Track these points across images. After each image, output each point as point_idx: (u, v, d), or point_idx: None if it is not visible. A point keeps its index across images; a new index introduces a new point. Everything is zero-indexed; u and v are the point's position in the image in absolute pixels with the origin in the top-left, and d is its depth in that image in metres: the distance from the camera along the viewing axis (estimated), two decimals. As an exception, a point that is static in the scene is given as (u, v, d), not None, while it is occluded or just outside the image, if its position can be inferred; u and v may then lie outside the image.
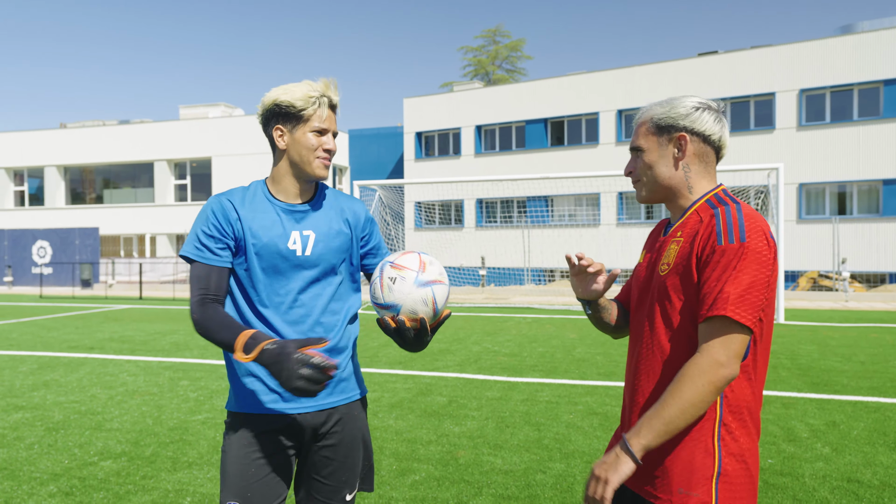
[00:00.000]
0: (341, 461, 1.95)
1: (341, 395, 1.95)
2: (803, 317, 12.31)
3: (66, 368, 7.56)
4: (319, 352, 1.75)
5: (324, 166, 1.90)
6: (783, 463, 4.13)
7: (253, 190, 1.94)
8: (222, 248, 1.86)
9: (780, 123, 20.73)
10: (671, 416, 1.42)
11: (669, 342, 1.55)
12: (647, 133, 1.64)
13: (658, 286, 1.59)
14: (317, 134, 1.88)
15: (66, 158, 29.76)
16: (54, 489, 3.78)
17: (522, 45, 43.27)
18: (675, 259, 1.56)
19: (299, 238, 1.89)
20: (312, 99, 1.85)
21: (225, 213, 1.86)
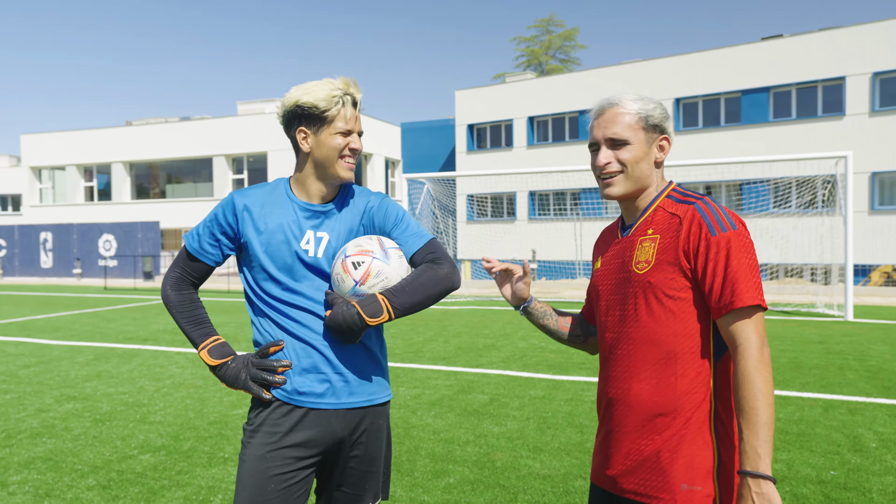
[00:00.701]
0: (365, 470, 1.88)
1: (366, 395, 1.86)
2: (875, 314, 11.59)
3: (119, 359, 7.78)
4: (275, 358, 1.81)
5: (349, 168, 1.85)
6: (847, 476, 3.82)
7: (275, 187, 1.91)
8: (214, 247, 1.89)
9: (850, 109, 19.60)
10: (768, 416, 1.42)
11: (663, 336, 1.55)
12: (636, 127, 1.62)
13: (639, 284, 1.59)
14: (342, 135, 1.82)
15: (132, 155, 30.89)
16: (93, 482, 3.83)
17: (576, 34, 42.42)
18: (654, 255, 1.57)
19: (313, 239, 1.85)
20: (336, 98, 1.79)
21: (234, 213, 1.85)
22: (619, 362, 1.63)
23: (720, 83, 21.61)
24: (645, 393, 1.56)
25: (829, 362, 7.16)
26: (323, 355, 1.80)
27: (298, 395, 1.80)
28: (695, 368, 1.53)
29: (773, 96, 21.15)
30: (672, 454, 1.51)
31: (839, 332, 9.38)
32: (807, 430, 4.68)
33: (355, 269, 1.76)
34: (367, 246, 1.79)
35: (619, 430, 1.60)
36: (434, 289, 1.77)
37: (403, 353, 7.96)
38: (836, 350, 7.92)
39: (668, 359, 1.54)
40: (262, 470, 1.75)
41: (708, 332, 1.55)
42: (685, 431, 1.51)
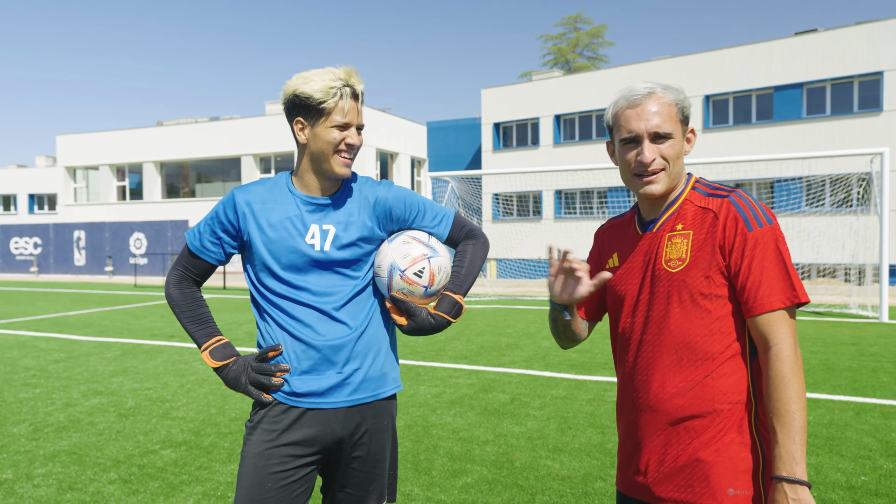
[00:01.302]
0: (369, 471, 1.85)
1: (368, 392, 1.83)
2: (911, 316, 11.24)
3: (146, 356, 7.90)
4: (274, 363, 1.79)
5: (344, 164, 1.79)
6: (879, 481, 3.69)
7: (277, 182, 1.86)
8: (216, 245, 1.86)
9: (888, 105, 19.04)
10: (803, 420, 1.37)
11: (697, 336, 1.48)
12: (676, 119, 1.52)
13: (672, 283, 1.51)
14: (339, 129, 1.75)
15: (162, 155, 31.43)
16: (114, 476, 3.88)
17: (604, 31, 41.97)
18: (689, 252, 1.49)
19: (318, 232, 1.80)
20: (333, 90, 1.72)
21: (235, 211, 1.81)
22: (649, 366, 1.53)
23: (752, 79, 21.18)
24: (679, 396, 1.48)
25: (862, 364, 6.95)
26: (325, 356, 1.77)
27: (298, 396, 1.77)
28: (732, 368, 1.46)
29: (806, 92, 20.66)
30: (714, 458, 1.44)
31: (873, 334, 9.10)
32: (837, 434, 4.54)
33: (420, 278, 1.81)
34: (415, 252, 1.82)
35: (652, 437, 1.52)
36: (481, 262, 1.95)
37: (426, 352, 7.94)
38: (870, 352, 7.69)
39: (704, 360, 1.47)
40: (260, 467, 1.73)
41: (743, 330, 1.48)
42: (726, 433, 1.45)
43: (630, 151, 1.54)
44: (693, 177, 1.59)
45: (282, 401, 1.77)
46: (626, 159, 1.56)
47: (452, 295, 1.87)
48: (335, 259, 1.79)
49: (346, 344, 1.78)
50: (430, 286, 1.83)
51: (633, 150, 1.54)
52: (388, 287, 1.82)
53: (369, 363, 1.83)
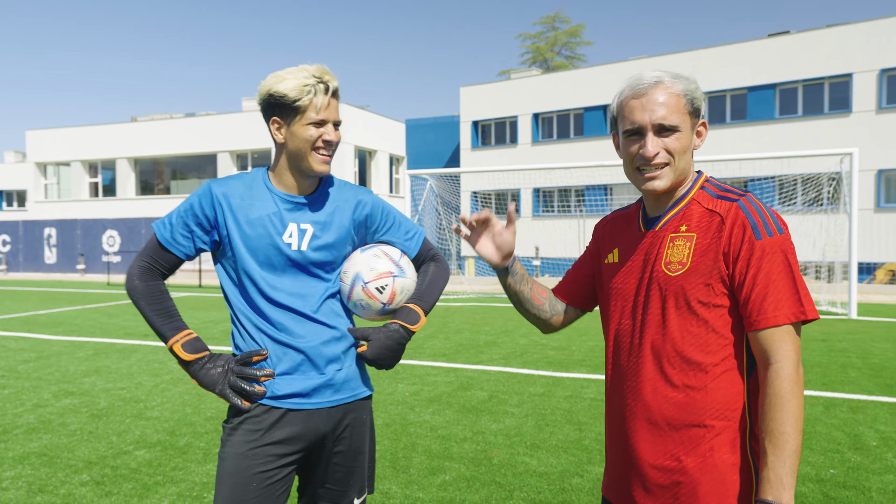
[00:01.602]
0: (350, 465, 1.85)
1: (349, 392, 1.83)
2: (879, 312, 11.51)
3: (119, 355, 7.78)
4: (258, 367, 1.75)
5: (323, 161, 1.77)
6: (847, 474, 3.77)
7: (254, 178, 1.83)
8: (188, 238, 1.79)
9: (857, 106, 19.45)
10: (797, 444, 1.29)
11: (692, 346, 1.40)
12: (684, 111, 1.41)
13: (669, 288, 1.42)
14: (315, 126, 1.74)
15: (136, 151, 30.93)
16: (87, 478, 3.82)
17: (582, 30, 42.22)
18: (690, 256, 1.40)
19: (296, 231, 1.78)
20: (307, 87, 1.71)
21: (212, 205, 1.76)
22: (640, 372, 1.46)
23: (727, 80, 21.48)
24: (669, 407, 1.41)
25: (832, 360, 7.10)
26: (306, 356, 1.76)
27: (279, 398, 1.75)
28: (727, 383, 1.38)
29: (779, 93, 21.01)
30: (703, 477, 1.37)
31: (842, 330, 9.31)
32: (807, 429, 4.63)
33: (381, 293, 1.82)
34: (382, 267, 1.83)
35: (640, 446, 1.45)
36: (444, 283, 1.97)
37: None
38: (839, 348, 7.86)
39: (696, 371, 1.39)
40: (242, 468, 1.71)
41: (742, 344, 1.40)
42: (717, 452, 1.37)
43: (633, 144, 1.45)
44: (703, 175, 1.51)
45: (263, 402, 1.75)
46: (629, 152, 1.46)
47: (411, 305, 1.87)
48: (311, 259, 1.78)
49: (327, 345, 1.78)
50: (389, 304, 1.84)
51: (637, 143, 1.44)
52: (348, 296, 1.82)
53: (349, 364, 1.83)
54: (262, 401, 1.75)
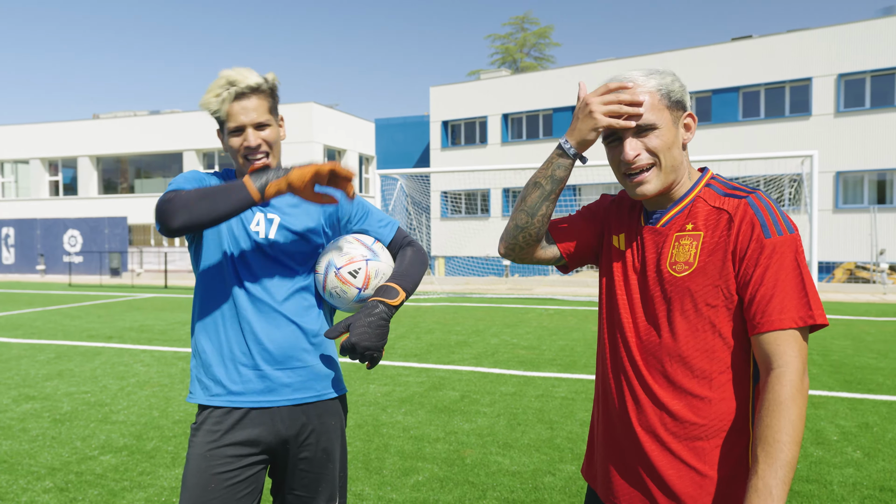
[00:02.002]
0: (318, 472, 1.81)
1: (312, 392, 1.79)
2: (838, 310, 11.85)
3: (82, 358, 7.59)
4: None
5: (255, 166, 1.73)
6: (810, 468, 3.88)
7: (226, 174, 1.87)
8: None
9: (816, 110, 20.01)
10: (793, 455, 1.19)
11: (696, 351, 1.33)
12: (660, 106, 1.33)
13: (674, 289, 1.35)
14: (235, 134, 1.72)
15: (99, 149, 30.22)
16: (50, 484, 3.72)
17: (551, 31, 42.60)
18: (697, 256, 1.33)
19: (263, 220, 1.77)
20: (220, 98, 1.68)
21: (199, 181, 1.76)
22: (639, 374, 1.39)
23: (692, 82, 21.88)
24: (667, 414, 1.35)
25: (794, 357, 7.28)
26: (267, 350, 1.74)
27: (239, 395, 1.74)
28: (730, 392, 1.32)
29: (742, 96, 21.49)
30: (697, 492, 1.32)
31: (804, 328, 9.55)
32: (772, 425, 4.74)
33: (354, 278, 1.77)
34: (354, 251, 1.79)
35: (631, 448, 1.40)
36: (422, 267, 1.92)
37: (375, 350, 7.89)
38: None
39: (699, 378, 1.32)
40: (203, 469, 1.69)
41: (748, 350, 1.33)
42: (721, 461, 1.31)
43: (615, 150, 1.39)
44: (710, 172, 1.43)
45: (222, 404, 1.73)
46: (613, 159, 1.40)
47: (388, 283, 1.79)
48: (279, 248, 1.76)
49: (291, 341, 1.76)
50: (364, 288, 1.78)
51: (618, 148, 1.38)
52: (323, 285, 1.79)
53: (314, 362, 1.80)
54: (221, 402, 1.73)
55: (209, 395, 1.75)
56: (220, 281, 1.76)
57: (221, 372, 1.74)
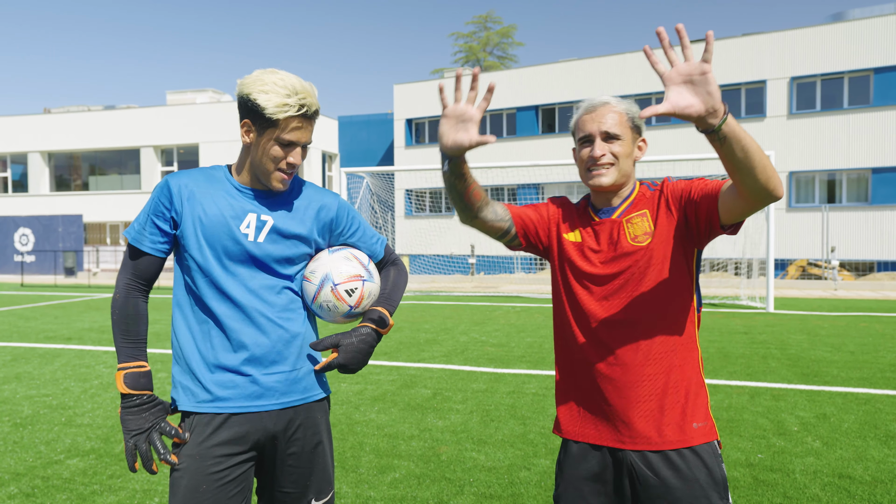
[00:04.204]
0: (307, 467, 1.81)
1: (299, 395, 1.80)
2: (792, 306, 12.27)
3: (40, 360, 7.36)
4: (178, 435, 1.72)
5: (282, 180, 1.75)
6: (773, 458, 4.03)
7: (214, 171, 1.82)
8: (161, 236, 1.76)
9: (770, 111, 20.64)
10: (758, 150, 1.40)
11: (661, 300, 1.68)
12: (625, 125, 1.72)
13: (639, 255, 1.68)
14: (282, 146, 1.71)
15: (50, 144, 29.27)
16: (15, 490, 3.61)
17: (514, 31, 42.89)
18: (652, 226, 1.69)
19: (254, 222, 1.74)
20: (286, 108, 1.67)
21: (172, 197, 1.73)
22: (622, 338, 1.68)
23: (651, 84, 22.31)
24: (652, 363, 1.67)
25: (754, 352, 7.53)
26: (255, 354, 1.73)
27: (225, 401, 1.72)
28: (688, 322, 1.70)
29: (700, 97, 21.99)
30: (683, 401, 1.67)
31: (762, 323, 9.87)
32: (735, 417, 4.90)
33: (350, 296, 1.81)
34: (352, 270, 1.82)
35: (625, 397, 1.68)
36: (404, 288, 2.00)
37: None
38: (760, 340, 8.34)
39: (671, 323, 1.68)
40: (194, 470, 1.68)
41: (692, 286, 1.71)
42: (688, 380, 1.68)
43: (585, 149, 1.76)
44: (640, 181, 1.82)
45: (211, 410, 1.71)
46: (581, 156, 1.77)
47: (379, 308, 1.87)
48: (269, 253, 1.75)
49: (278, 345, 1.75)
50: (356, 307, 1.83)
51: (588, 148, 1.75)
52: (314, 296, 1.80)
53: (301, 365, 1.80)
54: (209, 406, 1.71)
55: (196, 401, 1.72)
56: (205, 284, 1.73)
57: (208, 377, 1.72)
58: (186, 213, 1.73)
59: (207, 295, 1.73)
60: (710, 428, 1.69)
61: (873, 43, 19.26)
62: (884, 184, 19.34)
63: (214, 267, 1.72)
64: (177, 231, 1.76)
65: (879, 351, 7.51)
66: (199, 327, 1.74)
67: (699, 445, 1.66)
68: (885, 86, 19.22)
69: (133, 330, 1.75)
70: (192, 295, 1.75)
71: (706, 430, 1.68)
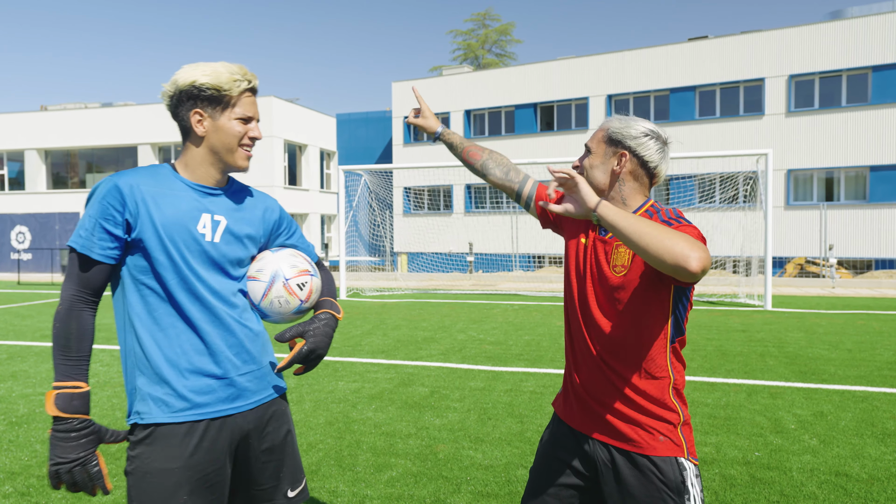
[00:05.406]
0: (279, 459, 1.82)
1: (268, 391, 1.82)
2: (791, 304, 12.27)
3: (37, 358, 7.35)
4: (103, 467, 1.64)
5: (247, 157, 1.78)
6: (770, 456, 4.02)
7: (158, 170, 1.73)
8: (112, 241, 1.64)
9: (769, 109, 20.64)
10: (641, 229, 1.52)
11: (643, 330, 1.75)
12: (601, 140, 1.83)
13: (614, 286, 1.76)
14: (242, 122, 1.74)
15: (47, 142, 29.20)
16: (10, 489, 3.60)
17: (512, 28, 42.87)
18: (629, 261, 1.73)
19: (209, 223, 1.72)
20: (238, 82, 1.71)
21: (122, 199, 1.62)
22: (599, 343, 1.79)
23: (650, 81, 22.31)
24: (632, 385, 1.76)
25: (752, 350, 7.53)
26: (227, 356, 1.71)
27: (204, 406, 1.67)
28: (654, 352, 1.75)
29: (698, 95, 22.01)
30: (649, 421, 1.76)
31: (760, 321, 9.87)
32: (733, 415, 4.90)
33: (301, 290, 1.81)
34: (302, 265, 1.84)
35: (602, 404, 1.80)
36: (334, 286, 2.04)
37: (342, 347, 7.86)
38: (758, 338, 8.34)
39: (637, 347, 1.75)
40: (168, 486, 1.61)
41: (665, 319, 1.75)
42: (660, 400, 1.76)
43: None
44: (650, 202, 1.82)
45: (188, 419, 1.65)
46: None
47: (329, 298, 1.92)
48: (223, 253, 1.73)
49: (245, 345, 1.74)
50: (305, 302, 1.83)
51: None
52: (265, 293, 1.78)
53: (266, 362, 1.82)
54: (186, 415, 1.65)
55: (171, 411, 1.64)
56: (175, 287, 1.66)
57: (183, 384, 1.65)
58: (143, 215, 1.64)
59: (177, 298, 1.66)
60: (673, 445, 1.75)
61: (871, 41, 19.26)
62: (882, 182, 19.35)
63: (181, 265, 1.66)
64: (131, 235, 1.65)
65: (876, 349, 7.51)
66: (163, 333, 1.66)
67: (660, 457, 1.74)
68: (883, 84, 19.23)
69: (74, 346, 1.61)
70: (154, 300, 1.66)
71: (670, 444, 1.75)
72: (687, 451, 1.76)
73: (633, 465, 1.76)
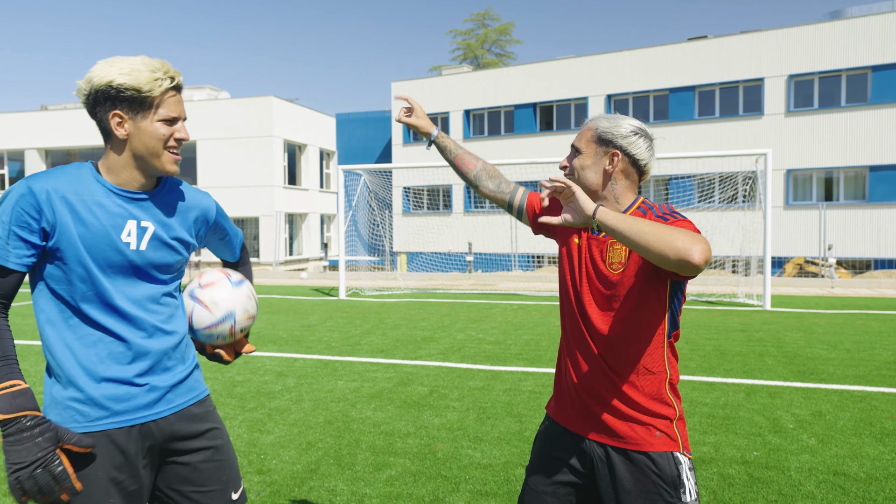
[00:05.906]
0: (221, 460, 1.79)
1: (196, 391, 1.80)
2: (790, 303, 12.28)
3: (37, 357, 7.36)
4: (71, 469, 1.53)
5: (174, 161, 1.67)
6: (769, 455, 4.03)
7: (79, 171, 1.64)
8: (28, 249, 1.57)
9: (768, 109, 20.65)
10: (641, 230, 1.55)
11: (639, 328, 1.77)
12: (590, 140, 1.84)
13: (612, 283, 1.77)
14: (167, 123, 1.63)
15: (47, 141, 29.22)
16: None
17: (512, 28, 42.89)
18: (626, 259, 1.76)
19: (135, 230, 1.64)
20: (159, 81, 1.59)
21: (37, 205, 1.54)
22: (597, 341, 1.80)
23: (649, 81, 22.33)
24: (629, 381, 1.78)
25: (751, 349, 7.54)
26: (147, 362, 1.67)
27: (123, 414, 1.63)
28: (652, 348, 1.78)
29: (698, 95, 22.03)
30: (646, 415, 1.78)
31: (759, 321, 9.88)
32: (731, 414, 4.91)
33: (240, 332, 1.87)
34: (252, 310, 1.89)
35: (599, 403, 1.82)
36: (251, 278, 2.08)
37: (341, 347, 7.87)
38: (757, 337, 8.35)
39: (635, 344, 1.77)
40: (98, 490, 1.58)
41: (662, 315, 1.77)
42: (657, 395, 1.78)
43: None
44: (640, 199, 1.85)
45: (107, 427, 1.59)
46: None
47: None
48: (150, 260, 1.67)
49: (170, 350, 1.71)
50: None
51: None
52: (210, 326, 1.79)
53: (191, 364, 1.79)
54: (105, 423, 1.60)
55: (88, 420, 1.58)
56: (90, 296, 1.60)
57: (99, 393, 1.60)
58: (60, 222, 1.56)
59: (92, 307, 1.61)
60: (669, 440, 1.78)
61: (871, 41, 19.28)
62: (881, 182, 19.37)
63: (98, 278, 1.60)
64: (48, 243, 1.57)
65: (875, 349, 7.52)
66: (79, 341, 1.60)
67: (657, 452, 1.76)
68: (882, 84, 19.25)
69: (4, 354, 1.55)
70: (68, 308, 1.61)
71: (666, 440, 1.78)
72: (682, 445, 1.78)
73: (629, 461, 1.77)
